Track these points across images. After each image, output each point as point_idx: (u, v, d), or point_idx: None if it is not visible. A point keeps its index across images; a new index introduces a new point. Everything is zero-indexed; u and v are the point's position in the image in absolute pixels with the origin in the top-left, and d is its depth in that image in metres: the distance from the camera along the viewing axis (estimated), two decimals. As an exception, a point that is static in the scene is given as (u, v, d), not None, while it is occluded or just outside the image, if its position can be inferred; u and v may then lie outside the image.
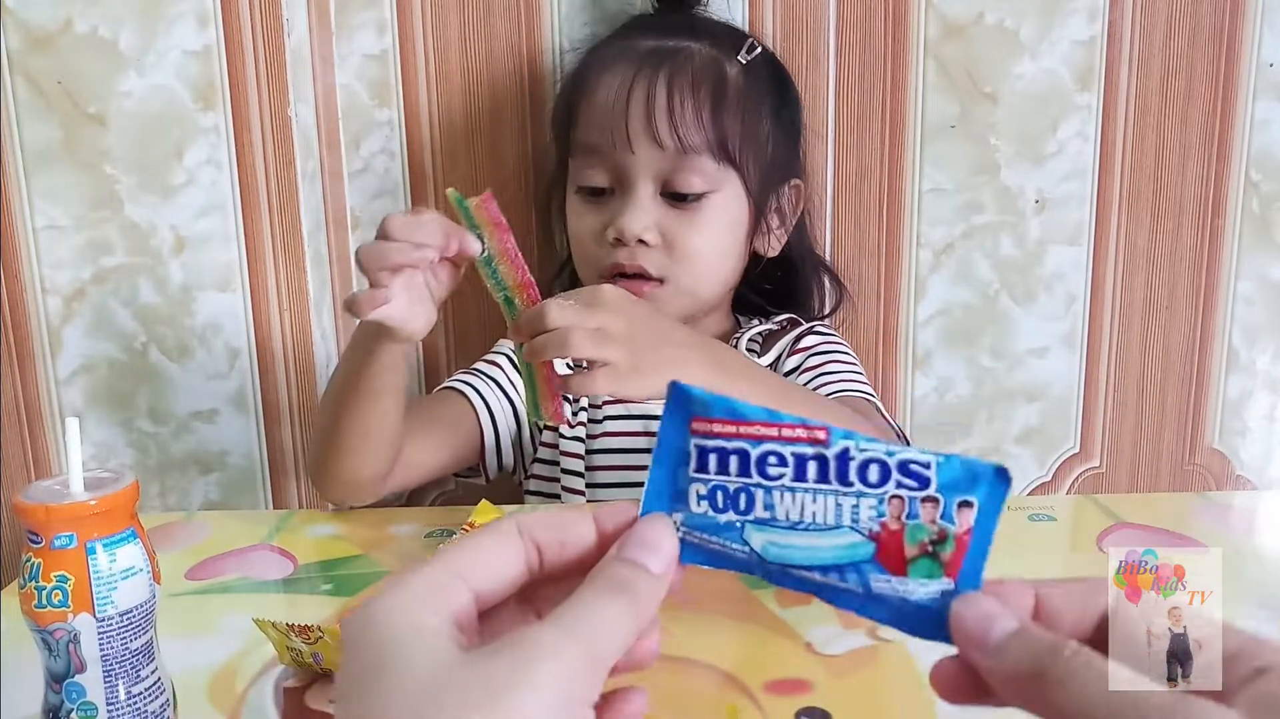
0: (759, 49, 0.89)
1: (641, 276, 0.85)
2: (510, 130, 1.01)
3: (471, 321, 1.05)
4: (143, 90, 0.97)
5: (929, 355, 1.07)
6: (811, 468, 0.33)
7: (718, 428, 0.34)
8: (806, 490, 0.33)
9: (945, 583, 0.33)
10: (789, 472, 0.33)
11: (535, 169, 1.02)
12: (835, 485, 0.33)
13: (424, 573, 0.30)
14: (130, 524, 0.52)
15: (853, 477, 0.33)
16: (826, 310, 1.01)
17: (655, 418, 0.78)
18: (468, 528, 0.77)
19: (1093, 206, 1.03)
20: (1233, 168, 1.03)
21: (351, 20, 0.99)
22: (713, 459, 0.34)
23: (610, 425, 0.92)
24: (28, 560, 0.50)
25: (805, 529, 0.33)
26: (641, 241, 0.84)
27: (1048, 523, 0.83)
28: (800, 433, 0.33)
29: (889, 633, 0.66)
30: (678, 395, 0.34)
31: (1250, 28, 0.99)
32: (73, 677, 0.51)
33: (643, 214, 0.84)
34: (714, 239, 0.87)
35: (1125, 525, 0.82)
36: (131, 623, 0.51)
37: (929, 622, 0.33)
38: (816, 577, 0.33)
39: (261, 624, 0.61)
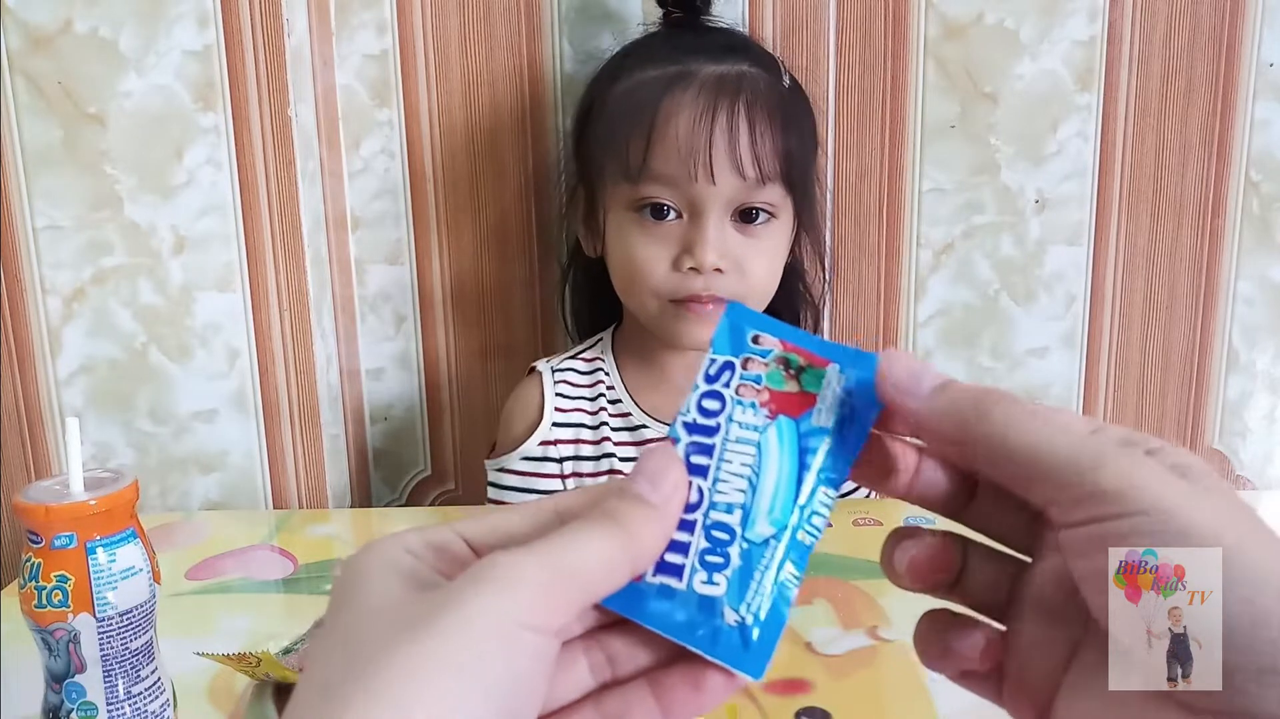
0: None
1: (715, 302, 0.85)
2: (510, 130, 1.01)
3: (471, 309, 1.05)
4: (143, 90, 0.97)
5: (929, 355, 1.07)
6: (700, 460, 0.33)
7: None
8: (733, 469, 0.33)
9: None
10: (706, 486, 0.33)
11: (535, 169, 1.02)
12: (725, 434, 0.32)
13: (417, 528, 0.30)
14: (130, 524, 0.52)
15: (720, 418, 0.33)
16: None
17: None
18: None
19: (1093, 206, 1.03)
20: (1233, 168, 1.03)
21: (351, 20, 0.99)
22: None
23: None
24: (28, 560, 0.50)
25: (757, 478, 0.32)
26: (716, 269, 0.84)
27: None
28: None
29: (889, 633, 0.66)
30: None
31: (1250, 28, 0.99)
32: (73, 677, 0.51)
33: (720, 242, 0.84)
34: (772, 263, 0.88)
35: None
36: (131, 623, 0.51)
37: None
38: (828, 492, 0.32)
39: (210, 657, 0.60)
